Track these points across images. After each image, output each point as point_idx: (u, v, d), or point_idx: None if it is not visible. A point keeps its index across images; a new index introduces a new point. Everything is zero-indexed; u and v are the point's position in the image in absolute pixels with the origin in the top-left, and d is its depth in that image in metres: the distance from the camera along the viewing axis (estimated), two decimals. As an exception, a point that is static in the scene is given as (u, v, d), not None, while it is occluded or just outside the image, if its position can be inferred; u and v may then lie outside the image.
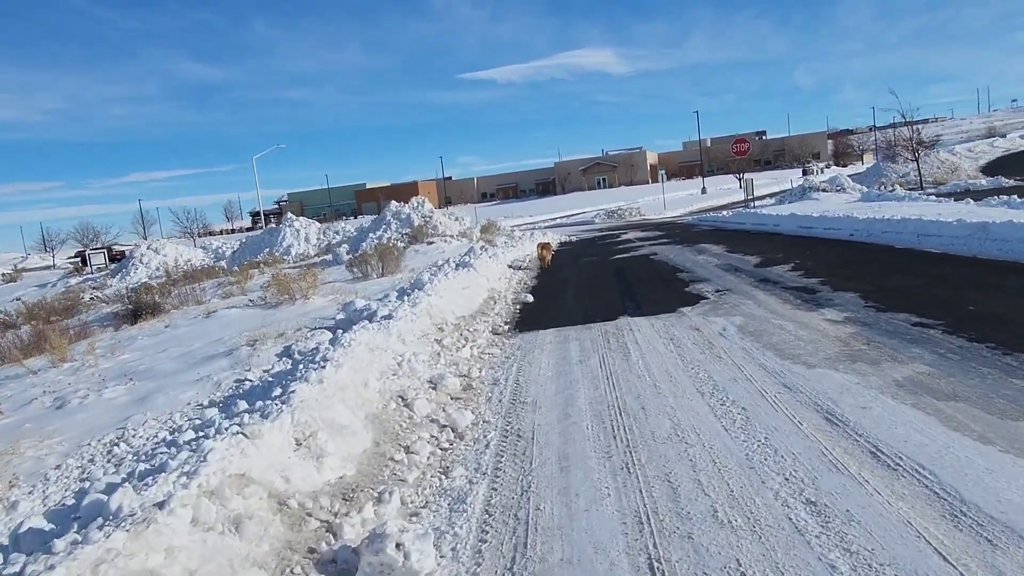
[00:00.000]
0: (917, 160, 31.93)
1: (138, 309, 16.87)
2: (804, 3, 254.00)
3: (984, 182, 29.60)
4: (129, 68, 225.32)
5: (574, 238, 27.83)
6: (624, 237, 24.82)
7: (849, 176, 32.89)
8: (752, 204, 31.20)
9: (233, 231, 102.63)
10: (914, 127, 32.42)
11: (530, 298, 11.71)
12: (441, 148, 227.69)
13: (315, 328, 8.64)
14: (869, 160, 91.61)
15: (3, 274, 52.63)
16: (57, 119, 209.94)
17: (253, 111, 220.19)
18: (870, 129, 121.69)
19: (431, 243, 23.07)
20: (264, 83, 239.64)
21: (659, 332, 7.70)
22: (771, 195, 43.23)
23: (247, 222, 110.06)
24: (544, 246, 16.90)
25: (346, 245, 27.32)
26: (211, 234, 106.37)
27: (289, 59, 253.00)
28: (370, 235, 26.99)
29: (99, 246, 78.25)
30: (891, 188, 24.03)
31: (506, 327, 9.29)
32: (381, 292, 11.84)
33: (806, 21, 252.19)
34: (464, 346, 7.59)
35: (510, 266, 17.39)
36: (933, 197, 21.47)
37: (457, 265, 13.50)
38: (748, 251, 14.70)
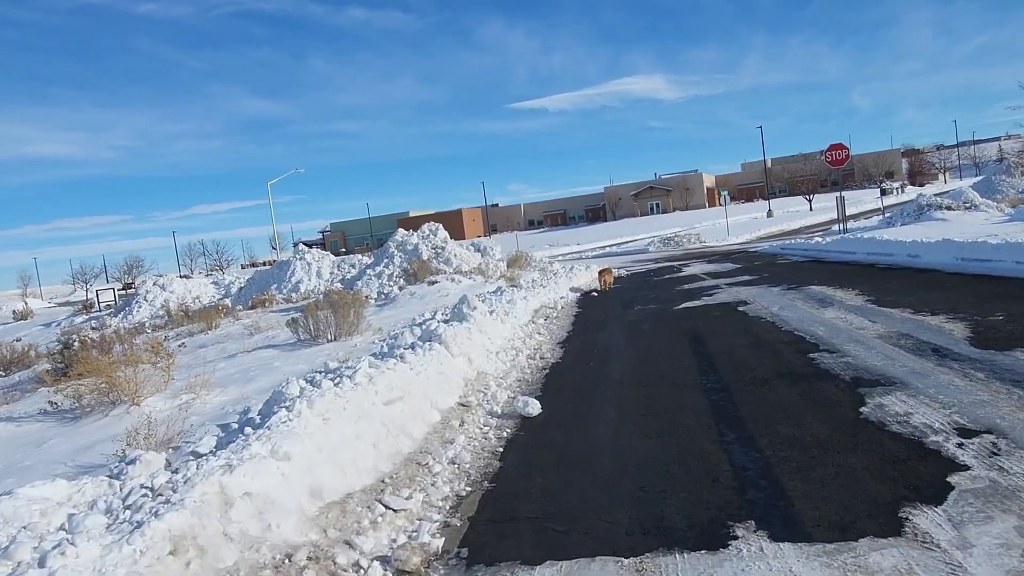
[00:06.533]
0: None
1: (70, 368, 12.97)
2: (858, 26, 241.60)
3: None
4: (193, 106, 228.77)
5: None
6: (688, 272, 18.96)
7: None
8: (844, 228, 24.91)
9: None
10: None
11: (533, 409, 6.13)
12: (490, 176, 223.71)
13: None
14: (949, 179, 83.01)
15: (13, 311, 49.58)
16: (124, 155, 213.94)
17: (310, 143, 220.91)
18: (938, 148, 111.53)
19: (433, 283, 17.69)
20: (320, 117, 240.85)
21: None
22: (854, 216, 36.89)
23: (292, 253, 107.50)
24: (605, 271, 17.14)
25: (339, 284, 22.29)
26: (254, 265, 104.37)
27: (344, 93, 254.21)
28: (367, 272, 21.86)
29: (129, 282, 75.90)
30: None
31: (436, 537, 3.75)
32: (265, 391, 6.47)
33: (863, 42, 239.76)
34: None
35: (532, 320, 11.97)
36: None
37: (421, 336, 8.03)
38: (915, 304, 8.74)
